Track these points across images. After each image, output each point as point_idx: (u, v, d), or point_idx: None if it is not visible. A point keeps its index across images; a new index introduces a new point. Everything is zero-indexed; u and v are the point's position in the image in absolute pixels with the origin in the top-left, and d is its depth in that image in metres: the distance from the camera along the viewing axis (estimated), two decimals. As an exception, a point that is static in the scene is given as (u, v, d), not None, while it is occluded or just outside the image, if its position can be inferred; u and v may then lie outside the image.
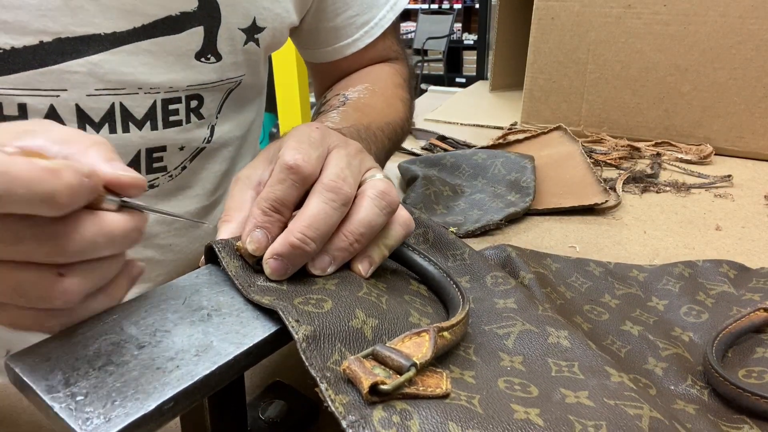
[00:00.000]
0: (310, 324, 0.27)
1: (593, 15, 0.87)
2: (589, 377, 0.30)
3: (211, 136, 0.57)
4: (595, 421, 0.26)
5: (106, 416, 0.22)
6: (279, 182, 0.32)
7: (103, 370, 0.25)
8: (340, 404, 0.24)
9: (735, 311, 0.44)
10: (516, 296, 0.37)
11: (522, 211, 0.62)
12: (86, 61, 0.45)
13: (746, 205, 0.68)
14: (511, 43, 1.18)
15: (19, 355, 0.25)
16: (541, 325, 0.34)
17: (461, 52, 6.17)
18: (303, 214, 0.31)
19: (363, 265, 0.34)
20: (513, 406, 0.26)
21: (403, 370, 0.25)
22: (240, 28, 0.53)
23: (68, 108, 0.46)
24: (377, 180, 0.35)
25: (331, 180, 0.32)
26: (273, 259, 0.31)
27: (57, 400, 0.23)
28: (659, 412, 0.28)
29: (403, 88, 0.69)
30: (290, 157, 0.32)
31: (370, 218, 0.33)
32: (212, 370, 0.25)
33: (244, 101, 0.61)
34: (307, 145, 0.33)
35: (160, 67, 0.49)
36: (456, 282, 0.35)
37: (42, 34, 0.43)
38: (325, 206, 0.31)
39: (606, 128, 0.91)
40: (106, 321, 0.28)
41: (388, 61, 0.73)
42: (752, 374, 0.37)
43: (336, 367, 0.26)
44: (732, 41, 0.80)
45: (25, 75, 0.44)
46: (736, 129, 0.83)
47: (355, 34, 0.66)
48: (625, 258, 0.55)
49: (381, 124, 0.58)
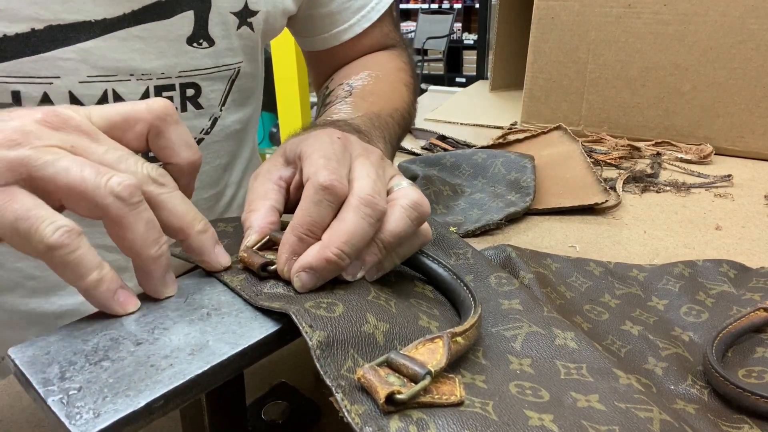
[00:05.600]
0: (323, 330, 0.27)
1: (593, 15, 0.87)
2: (599, 380, 0.30)
3: (212, 128, 0.56)
4: (608, 426, 0.26)
5: (96, 411, 0.23)
6: (315, 204, 0.31)
7: (98, 365, 0.25)
8: (356, 414, 0.23)
9: (735, 311, 0.44)
10: (521, 297, 0.37)
11: (522, 210, 0.62)
12: (78, 47, 0.46)
13: (746, 204, 0.68)
14: (511, 43, 1.18)
15: (22, 347, 0.26)
16: (548, 327, 0.34)
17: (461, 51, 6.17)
18: (339, 228, 0.30)
19: (370, 272, 0.33)
20: (527, 412, 0.26)
21: (418, 378, 0.25)
22: (232, 12, 0.53)
23: (61, 95, 0.46)
24: (409, 189, 0.34)
25: (367, 194, 0.31)
26: (305, 272, 0.30)
27: (51, 393, 0.23)
28: (668, 414, 0.28)
29: (405, 72, 0.68)
30: (324, 178, 0.31)
31: (402, 229, 0.32)
32: (204, 369, 0.25)
33: (246, 93, 0.61)
34: (335, 162, 0.32)
35: (152, 53, 0.49)
36: (467, 284, 0.34)
37: (33, 22, 0.43)
38: (362, 222, 0.30)
39: (606, 128, 0.91)
40: (108, 316, 0.28)
41: (386, 49, 0.72)
42: (752, 374, 0.37)
43: (350, 374, 0.25)
44: (732, 41, 0.80)
45: (17, 62, 0.44)
46: (736, 129, 0.83)
47: (351, 19, 0.66)
48: (625, 258, 0.55)
49: (390, 111, 0.57)
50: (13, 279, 0.51)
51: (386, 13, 0.68)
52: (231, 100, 0.58)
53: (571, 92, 0.92)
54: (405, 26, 6.29)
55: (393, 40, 0.73)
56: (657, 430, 0.26)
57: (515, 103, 1.06)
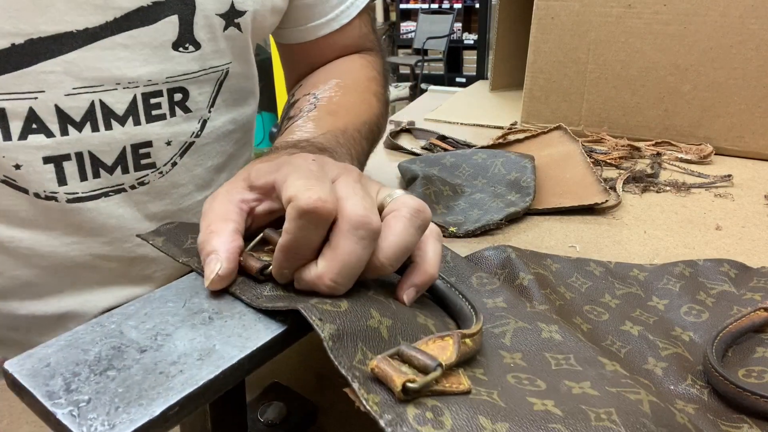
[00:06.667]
0: (333, 323, 0.26)
1: (593, 15, 0.87)
2: (587, 368, 0.31)
3: (201, 130, 0.56)
4: (605, 408, 0.27)
5: (110, 423, 0.22)
6: (300, 229, 0.28)
7: (104, 375, 0.24)
8: (374, 403, 0.23)
9: (735, 311, 0.44)
10: (504, 295, 0.38)
11: (522, 210, 0.62)
12: (61, 60, 0.45)
13: (746, 204, 0.68)
14: (511, 42, 1.18)
15: (19, 360, 0.25)
16: (533, 322, 0.35)
17: (461, 51, 6.17)
18: (333, 258, 0.28)
19: (408, 294, 0.32)
20: (529, 399, 0.27)
21: (429, 369, 0.25)
22: (217, 14, 0.52)
23: (47, 109, 0.46)
24: (406, 197, 0.32)
25: (358, 215, 0.28)
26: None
27: (59, 406, 0.22)
28: (654, 396, 0.29)
29: (376, 82, 0.67)
30: (305, 201, 0.27)
31: (406, 240, 0.30)
32: (216, 374, 0.25)
33: (239, 94, 0.60)
34: (315, 181, 0.29)
35: (137, 61, 0.48)
36: (464, 293, 0.34)
37: (13, 36, 0.43)
38: (356, 247, 0.28)
39: (606, 128, 0.91)
40: (104, 325, 0.27)
41: (362, 52, 0.71)
42: (752, 374, 0.37)
43: (361, 366, 0.25)
44: (732, 41, 0.80)
45: (0, 79, 0.43)
46: (736, 129, 0.83)
47: (330, 14, 0.65)
48: (625, 258, 0.55)
49: (358, 125, 0.55)
50: (11, 286, 0.51)
51: (365, 12, 0.67)
52: (221, 101, 0.57)
53: (571, 92, 0.92)
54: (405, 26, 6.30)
55: (370, 42, 0.72)
56: (647, 410, 0.27)
57: (515, 103, 1.06)
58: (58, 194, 0.49)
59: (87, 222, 0.51)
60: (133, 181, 0.52)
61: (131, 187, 0.52)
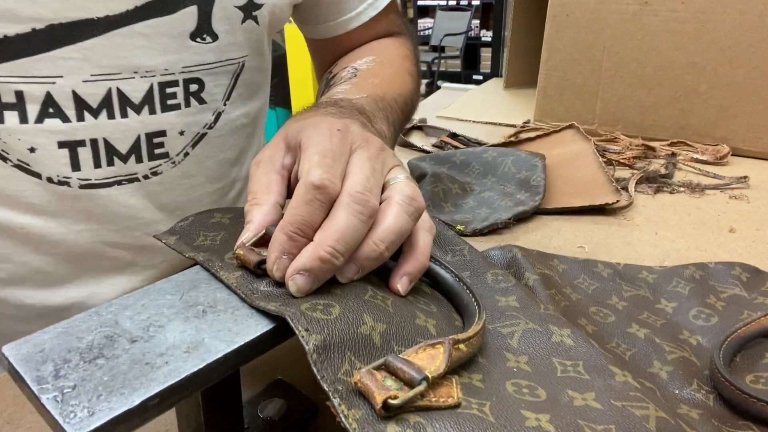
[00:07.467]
0: (320, 333, 0.26)
1: (609, 12, 0.86)
2: (595, 377, 0.30)
3: (216, 122, 0.56)
4: (605, 425, 0.26)
5: (91, 410, 0.22)
6: (306, 203, 0.30)
7: (93, 363, 0.25)
8: (354, 420, 0.23)
9: (746, 315, 0.43)
10: (517, 294, 0.37)
11: (531, 210, 0.62)
12: (80, 46, 0.45)
13: (762, 206, 0.66)
14: (526, 40, 1.17)
15: (16, 345, 0.26)
16: (544, 324, 0.34)
17: (479, 48, 6.13)
18: (330, 227, 0.30)
19: (402, 283, 0.33)
20: (523, 413, 0.26)
21: (415, 383, 0.25)
22: (236, 6, 0.53)
23: (65, 94, 0.46)
24: (403, 184, 0.33)
25: (357, 192, 0.31)
26: (300, 274, 0.29)
27: (45, 391, 0.23)
28: (664, 411, 0.28)
29: (410, 60, 0.68)
30: (317, 177, 0.31)
31: (399, 225, 0.32)
32: (200, 367, 0.25)
33: (253, 87, 0.61)
34: (330, 159, 0.32)
35: (155, 50, 0.49)
36: (471, 289, 0.34)
37: (34, 22, 0.43)
38: (353, 219, 0.30)
39: (620, 127, 0.90)
40: (101, 314, 0.28)
41: (392, 36, 0.71)
42: (760, 380, 0.36)
43: (347, 378, 0.25)
44: (751, 40, 0.78)
45: (19, 63, 0.44)
46: (754, 129, 0.82)
47: (359, 7, 0.65)
48: (634, 259, 0.54)
49: (394, 95, 0.57)
50: (21, 273, 0.52)
51: (392, 1, 0.68)
52: (237, 95, 0.57)
53: (585, 90, 0.91)
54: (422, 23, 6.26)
55: (398, 28, 0.72)
56: (653, 428, 0.26)
57: (529, 101, 1.05)
58: (71, 179, 0.49)
59: (98, 209, 0.52)
60: (147, 171, 0.53)
61: (144, 177, 0.53)
